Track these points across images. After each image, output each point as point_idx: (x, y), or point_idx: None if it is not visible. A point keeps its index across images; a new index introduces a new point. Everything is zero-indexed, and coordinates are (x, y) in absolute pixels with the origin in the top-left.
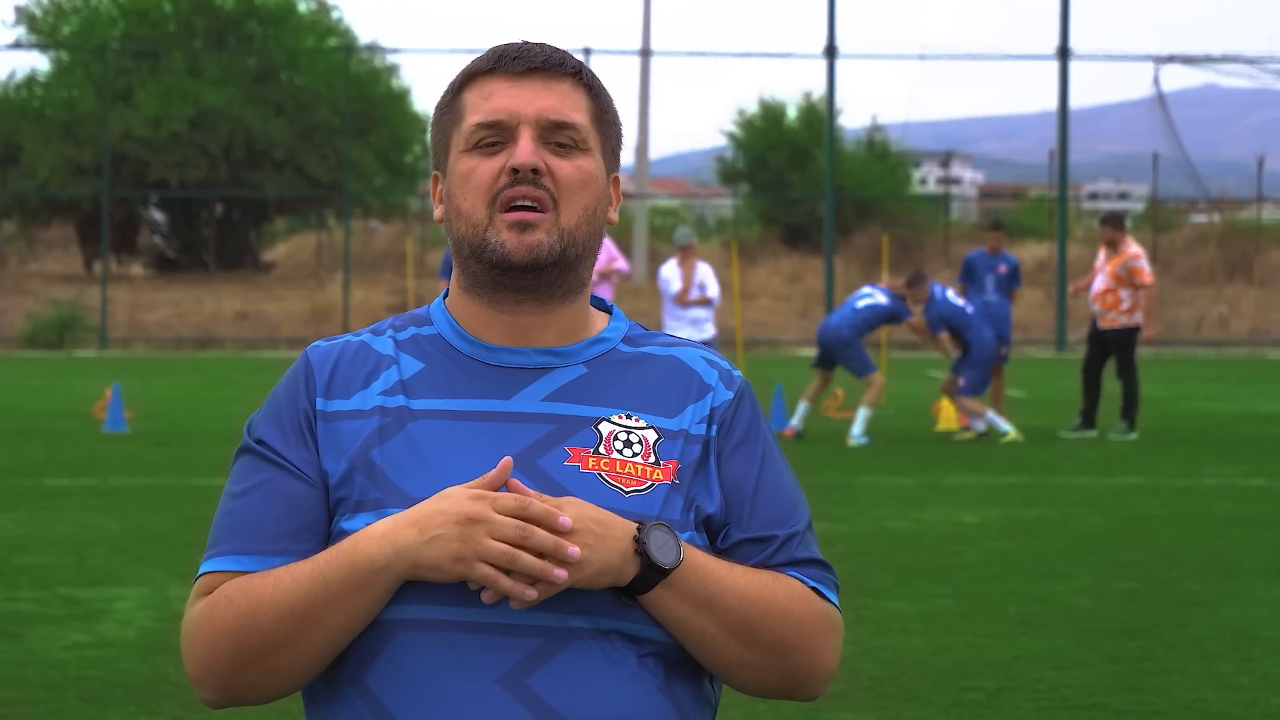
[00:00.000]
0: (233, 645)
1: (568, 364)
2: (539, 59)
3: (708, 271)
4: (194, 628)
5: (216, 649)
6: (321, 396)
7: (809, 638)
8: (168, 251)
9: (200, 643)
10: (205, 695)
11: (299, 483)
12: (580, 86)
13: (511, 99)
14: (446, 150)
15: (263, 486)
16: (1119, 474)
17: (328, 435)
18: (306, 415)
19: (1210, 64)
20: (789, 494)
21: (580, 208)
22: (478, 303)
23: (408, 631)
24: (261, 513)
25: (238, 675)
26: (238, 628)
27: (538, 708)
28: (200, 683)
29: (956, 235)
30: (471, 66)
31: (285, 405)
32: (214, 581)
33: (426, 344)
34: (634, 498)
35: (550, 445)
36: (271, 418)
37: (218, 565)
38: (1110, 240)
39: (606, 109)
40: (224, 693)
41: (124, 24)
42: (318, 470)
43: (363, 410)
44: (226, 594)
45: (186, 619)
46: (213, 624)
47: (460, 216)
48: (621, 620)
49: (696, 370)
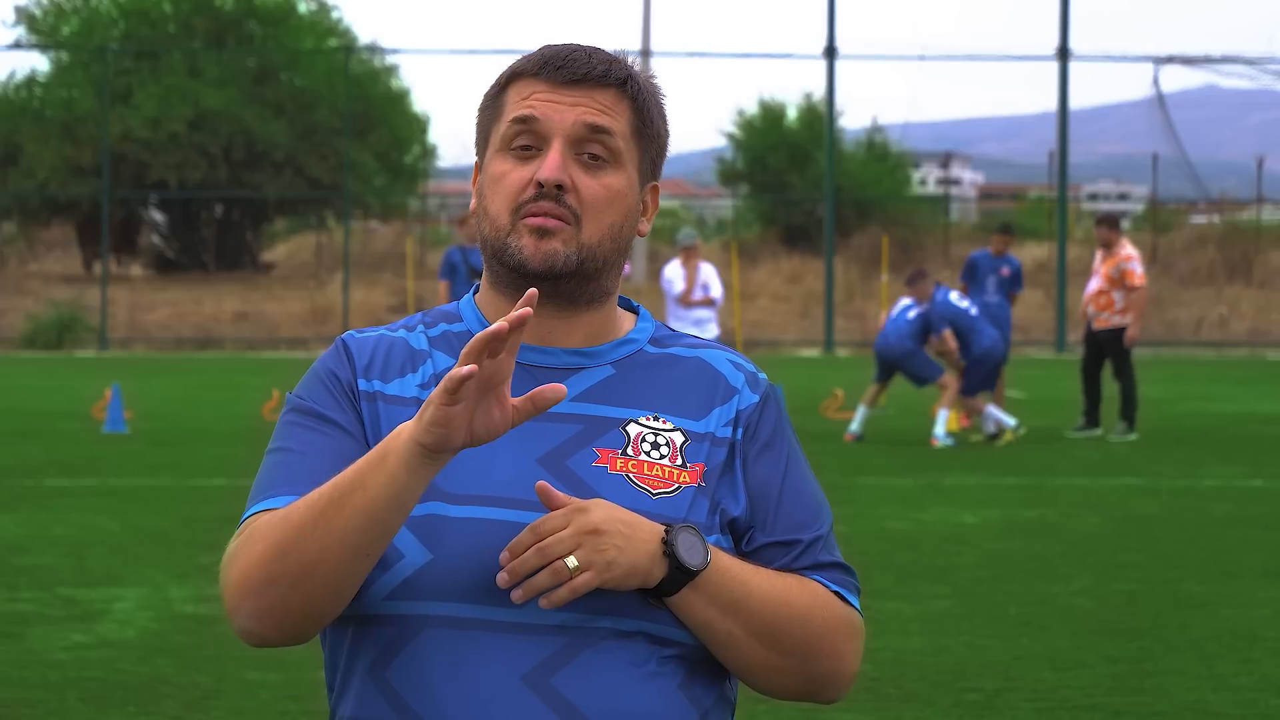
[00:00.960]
0: (266, 550)
1: (595, 365)
2: (582, 69)
3: (711, 272)
4: (229, 557)
5: (250, 563)
6: (363, 377)
7: (832, 642)
8: (167, 252)
9: (236, 564)
10: (242, 623)
11: (351, 441)
12: (624, 98)
13: (549, 106)
14: (485, 145)
15: (315, 442)
16: (1118, 475)
17: (370, 413)
18: (351, 387)
19: (1210, 64)
20: (813, 498)
21: (604, 225)
22: (505, 301)
23: (434, 629)
24: (313, 463)
25: (271, 587)
26: (270, 529)
27: (561, 707)
28: (237, 608)
29: (956, 236)
30: (518, 65)
31: (328, 377)
32: (255, 522)
33: (456, 341)
34: (661, 500)
35: (578, 446)
36: (315, 386)
37: (265, 505)
38: (1106, 241)
39: (649, 122)
40: (261, 616)
41: (124, 24)
42: (362, 434)
43: (403, 397)
44: (269, 515)
45: (227, 553)
46: (252, 541)
47: (487, 217)
48: (647, 622)
49: (723, 373)
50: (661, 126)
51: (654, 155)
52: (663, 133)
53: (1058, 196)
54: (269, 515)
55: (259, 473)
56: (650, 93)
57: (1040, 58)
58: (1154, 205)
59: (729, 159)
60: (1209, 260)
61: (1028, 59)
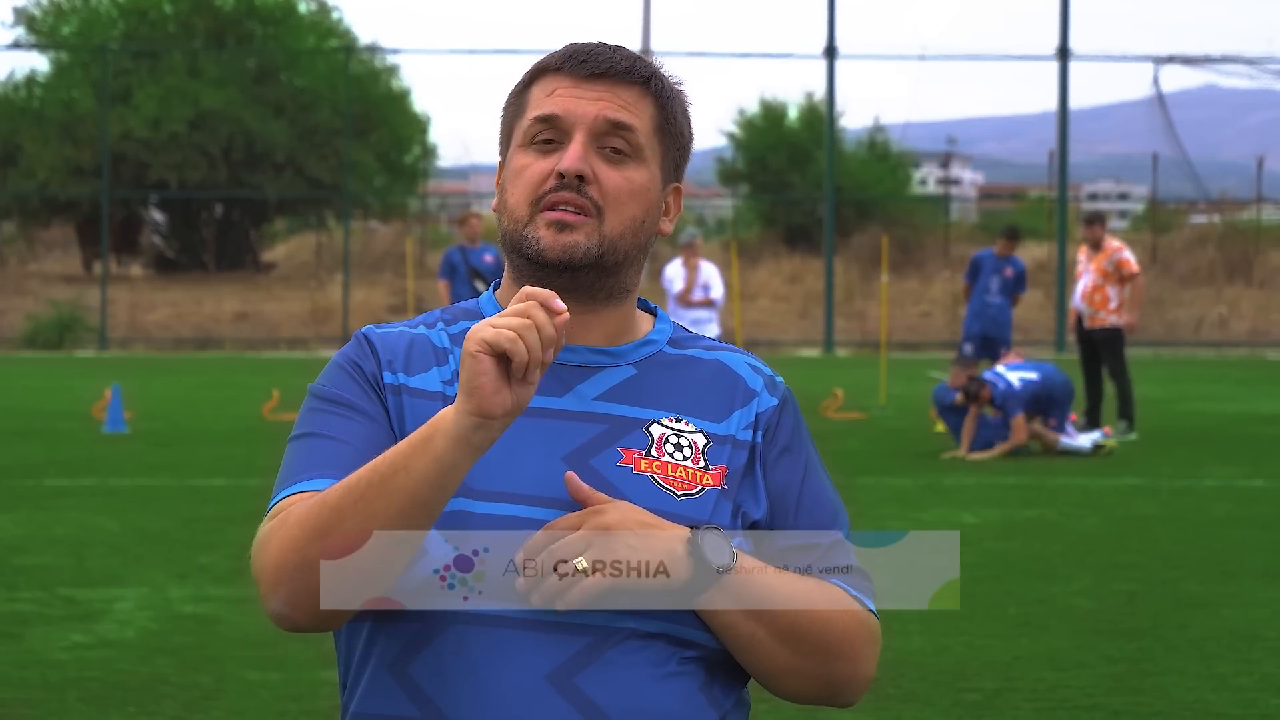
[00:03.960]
0: (302, 535)
1: (618, 364)
2: (606, 64)
3: (713, 272)
4: (263, 540)
5: (286, 547)
6: (388, 370)
7: (851, 645)
8: (167, 252)
9: (271, 548)
10: (276, 608)
11: (379, 429)
12: (647, 95)
13: (572, 101)
14: (508, 142)
15: (343, 427)
16: (1118, 475)
17: (395, 406)
18: (375, 378)
19: (1210, 64)
20: (831, 501)
21: (626, 218)
22: None
23: (460, 625)
24: (343, 448)
25: (308, 572)
26: (307, 516)
27: (584, 706)
28: (272, 593)
29: (956, 236)
30: (542, 62)
31: (352, 368)
32: (288, 504)
33: None
34: (685, 501)
35: (603, 445)
36: (340, 375)
37: (297, 488)
38: (1094, 240)
39: (672, 120)
40: (296, 601)
41: (123, 24)
42: (389, 423)
43: (427, 391)
44: (303, 498)
45: (256, 541)
46: (285, 527)
47: (506, 211)
48: (670, 623)
49: (741, 376)
50: (685, 127)
51: (676, 155)
52: (686, 134)
53: (1058, 196)
54: (304, 498)
55: (285, 459)
56: (674, 94)
57: (1040, 58)
58: (1154, 205)
59: (729, 159)
60: (1209, 260)
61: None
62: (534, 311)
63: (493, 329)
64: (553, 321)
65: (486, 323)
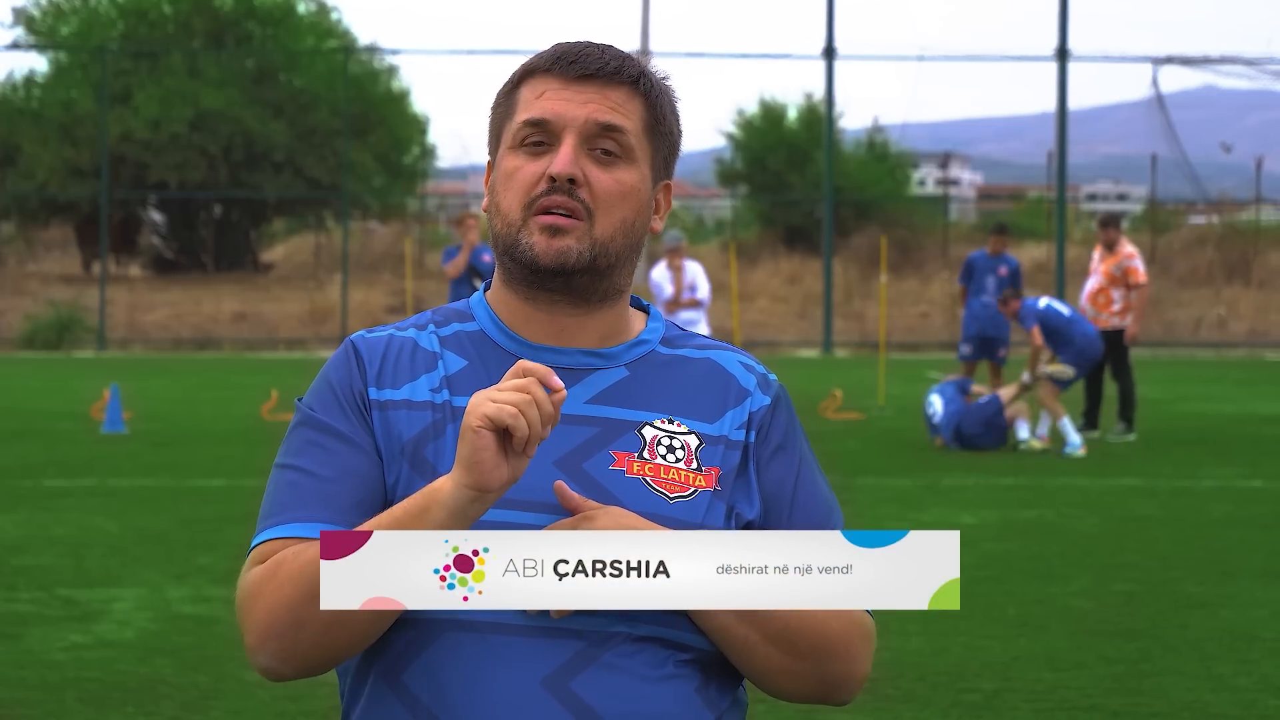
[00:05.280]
0: (296, 595)
1: (610, 366)
2: (595, 65)
3: (698, 270)
4: (253, 589)
5: (278, 605)
6: (374, 386)
7: (845, 645)
8: (166, 252)
9: (262, 602)
10: (265, 662)
11: (364, 458)
12: (636, 94)
13: (562, 102)
14: (497, 142)
15: (327, 460)
16: (1117, 475)
17: (381, 423)
18: (361, 397)
19: (1209, 65)
20: (825, 500)
21: (616, 220)
22: (517, 299)
23: (454, 632)
24: (328, 486)
25: (301, 631)
26: (302, 575)
27: (580, 711)
28: (260, 647)
29: (955, 236)
30: (531, 62)
31: (339, 387)
32: (274, 549)
33: (468, 340)
34: (679, 504)
35: (596, 449)
36: (327, 397)
37: (283, 532)
38: (1109, 241)
39: (662, 120)
40: (285, 657)
41: (123, 25)
42: (376, 450)
43: (414, 401)
44: (294, 549)
45: (243, 585)
46: (276, 580)
47: (498, 214)
48: (661, 626)
49: (734, 375)
50: (674, 125)
51: (666, 153)
52: (675, 132)
53: (1057, 197)
54: (298, 553)
55: (269, 489)
56: (663, 92)
57: (1039, 58)
58: (1153, 206)
59: (728, 159)
60: (1208, 261)
61: (1027, 59)
62: (533, 388)
63: (494, 404)
64: (551, 399)
65: (486, 396)
